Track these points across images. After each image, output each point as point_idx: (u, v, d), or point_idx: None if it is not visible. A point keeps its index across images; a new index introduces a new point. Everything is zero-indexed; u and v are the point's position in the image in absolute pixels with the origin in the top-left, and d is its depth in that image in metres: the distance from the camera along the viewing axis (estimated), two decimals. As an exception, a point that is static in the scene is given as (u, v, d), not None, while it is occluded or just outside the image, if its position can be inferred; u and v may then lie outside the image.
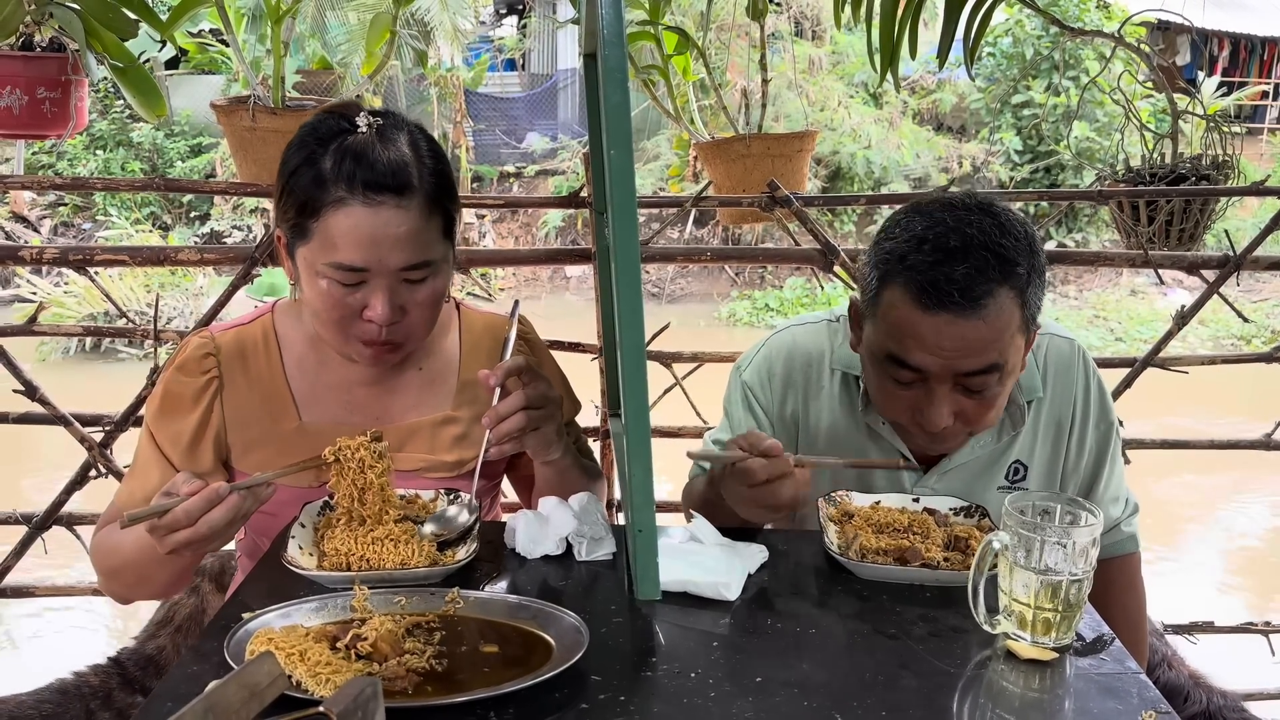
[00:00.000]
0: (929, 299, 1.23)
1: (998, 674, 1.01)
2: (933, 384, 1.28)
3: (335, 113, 1.34)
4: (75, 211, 13.17)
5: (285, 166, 1.32)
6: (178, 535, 1.11)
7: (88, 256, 2.21)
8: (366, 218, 1.26)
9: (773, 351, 1.55)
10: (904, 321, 1.26)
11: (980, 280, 1.22)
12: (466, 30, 12.09)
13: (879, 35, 2.41)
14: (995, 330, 1.24)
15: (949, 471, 1.48)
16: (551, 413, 1.33)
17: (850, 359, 1.49)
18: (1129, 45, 2.61)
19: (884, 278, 1.29)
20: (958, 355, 1.25)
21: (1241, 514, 5.93)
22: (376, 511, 1.23)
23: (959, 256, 1.23)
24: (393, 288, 1.30)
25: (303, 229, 1.30)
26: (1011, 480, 1.49)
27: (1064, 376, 1.48)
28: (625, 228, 0.92)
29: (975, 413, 1.30)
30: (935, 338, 1.24)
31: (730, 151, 2.59)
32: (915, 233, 1.27)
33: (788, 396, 1.53)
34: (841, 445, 1.50)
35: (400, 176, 1.28)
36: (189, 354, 1.42)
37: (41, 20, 2.17)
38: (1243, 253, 2.28)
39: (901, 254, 1.27)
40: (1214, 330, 9.97)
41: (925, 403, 1.29)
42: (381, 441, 1.24)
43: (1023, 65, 13.02)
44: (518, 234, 13.59)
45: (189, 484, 1.13)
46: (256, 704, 0.66)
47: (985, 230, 1.24)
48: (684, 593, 1.14)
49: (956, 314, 1.22)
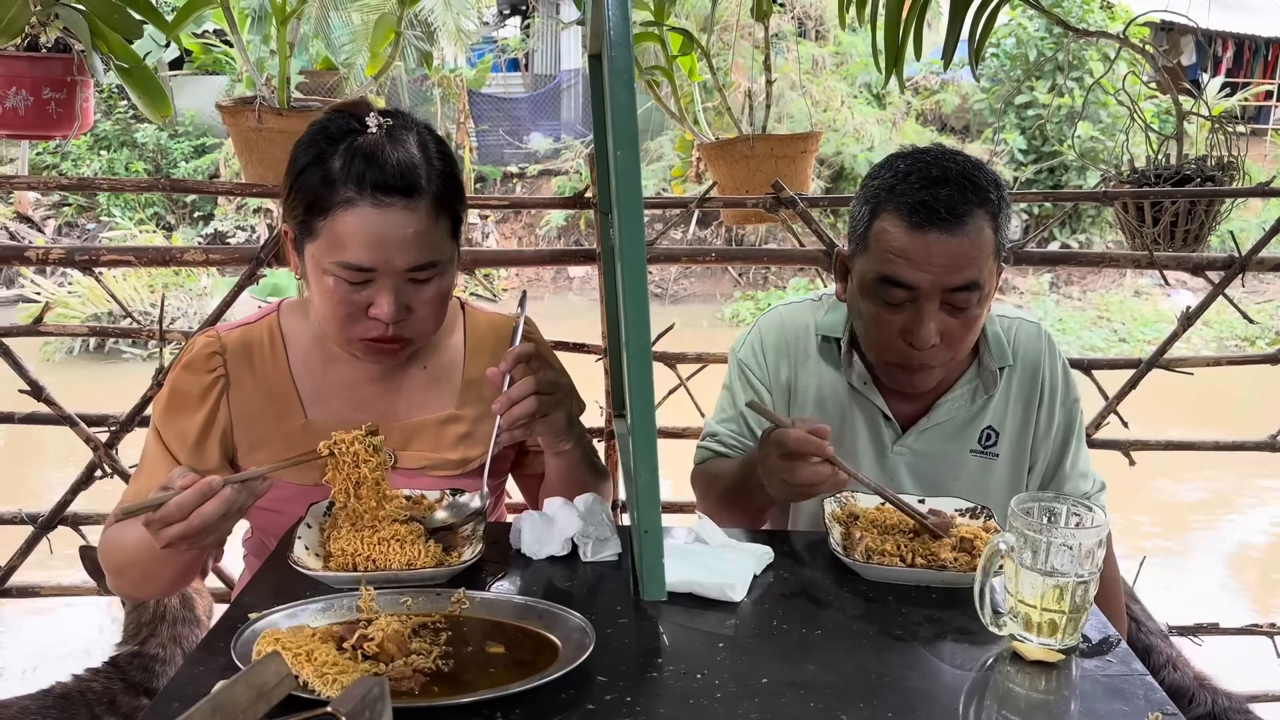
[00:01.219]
0: (919, 217, 1.38)
1: (1004, 675, 1.01)
2: (922, 302, 1.40)
3: (345, 112, 1.34)
4: (79, 212, 13.20)
5: (294, 164, 1.32)
6: (171, 529, 1.11)
7: (93, 257, 2.22)
8: (375, 219, 1.27)
9: (763, 328, 1.67)
10: (896, 243, 1.40)
11: (961, 201, 1.38)
12: (470, 31, 12.09)
13: (883, 37, 2.41)
14: (976, 247, 1.38)
15: (926, 431, 1.57)
16: (561, 399, 1.32)
17: (831, 324, 1.61)
18: (1133, 46, 2.61)
19: (875, 210, 1.44)
20: (945, 270, 1.38)
21: (1246, 515, 5.92)
22: (372, 506, 1.23)
23: (941, 183, 1.39)
24: (398, 287, 1.31)
25: (310, 227, 1.30)
26: (984, 445, 1.59)
27: (1031, 354, 1.60)
28: (631, 229, 0.92)
29: (958, 333, 1.43)
30: (925, 254, 1.38)
31: (734, 152, 2.59)
32: (900, 170, 1.43)
33: (781, 365, 1.63)
34: (827, 406, 1.60)
35: (409, 178, 1.28)
36: (196, 353, 1.42)
37: (47, 21, 2.17)
38: (1247, 254, 2.28)
39: (890, 186, 1.42)
40: (1218, 331, 9.96)
41: (915, 322, 1.41)
42: (377, 435, 1.24)
43: (1027, 66, 13.01)
44: (521, 234, 13.60)
45: (184, 478, 1.13)
46: (264, 704, 0.66)
47: (960, 164, 1.42)
48: (689, 593, 1.14)
49: (943, 230, 1.37)
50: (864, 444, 1.59)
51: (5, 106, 2.18)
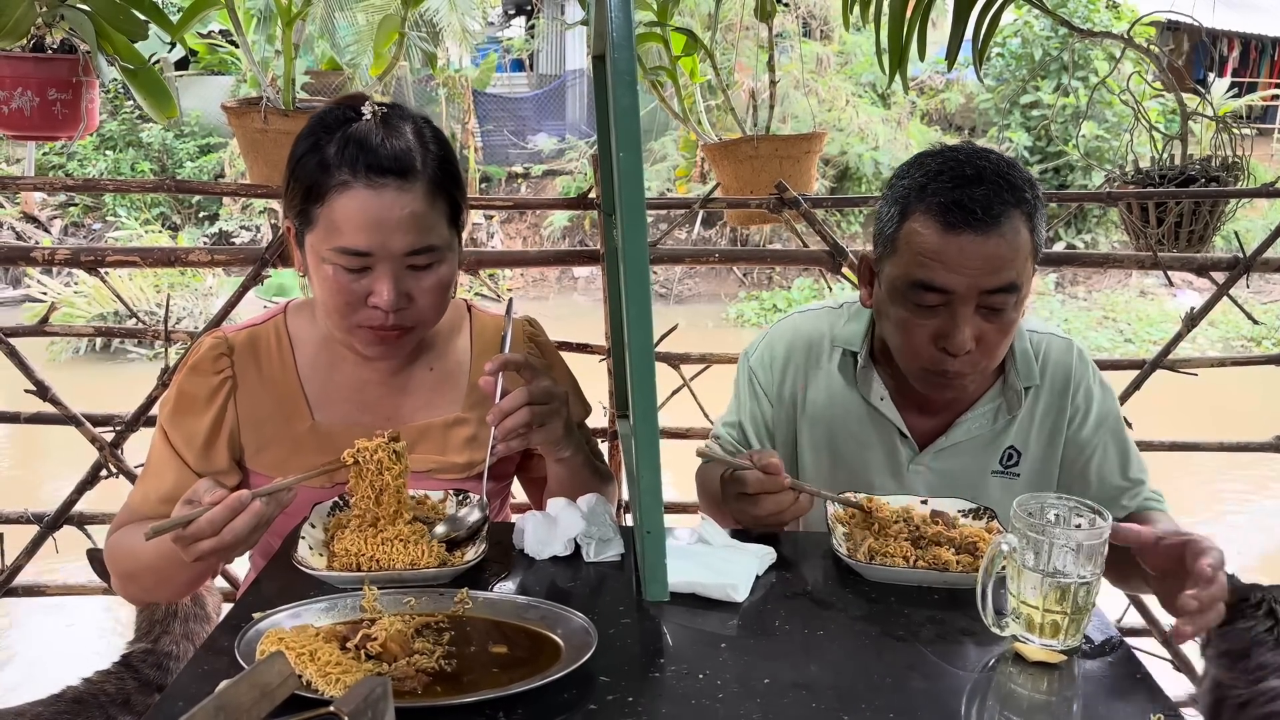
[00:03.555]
0: (953, 218, 1.31)
1: (1006, 676, 1.01)
2: (956, 305, 1.33)
3: (343, 104, 1.35)
4: (85, 212, 13.23)
5: (292, 156, 1.33)
6: (203, 544, 1.12)
7: (99, 258, 2.23)
8: (370, 200, 1.27)
9: (775, 337, 1.63)
10: (929, 245, 1.33)
11: (997, 201, 1.31)
12: (475, 31, 12.11)
13: (888, 36, 2.41)
14: (1013, 248, 1.32)
15: (944, 450, 1.51)
16: (557, 408, 1.32)
17: (850, 336, 1.55)
18: (1138, 46, 2.61)
19: (905, 211, 1.37)
20: (981, 272, 1.31)
21: (1251, 517, 5.91)
22: (391, 513, 1.23)
23: (975, 182, 1.32)
24: (397, 274, 1.30)
25: (308, 215, 1.30)
26: (1005, 465, 1.52)
27: (1061, 372, 1.52)
28: (634, 230, 0.92)
29: (994, 338, 1.36)
30: (960, 257, 1.31)
31: (738, 153, 2.58)
32: (931, 169, 1.36)
33: (786, 377, 1.59)
34: (840, 421, 1.55)
35: (404, 160, 1.29)
36: (203, 354, 1.42)
37: (53, 22, 2.18)
38: (1253, 254, 2.27)
39: (920, 185, 1.35)
40: (1223, 332, 9.94)
41: (949, 327, 1.34)
42: (399, 442, 1.25)
43: (1031, 66, 12.98)
44: (525, 234, 13.61)
45: (211, 493, 1.13)
46: (267, 703, 0.67)
47: (994, 163, 1.35)
48: (692, 594, 1.14)
49: (978, 232, 1.30)
50: (879, 462, 1.54)
51: (11, 107, 2.20)
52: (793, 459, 1.60)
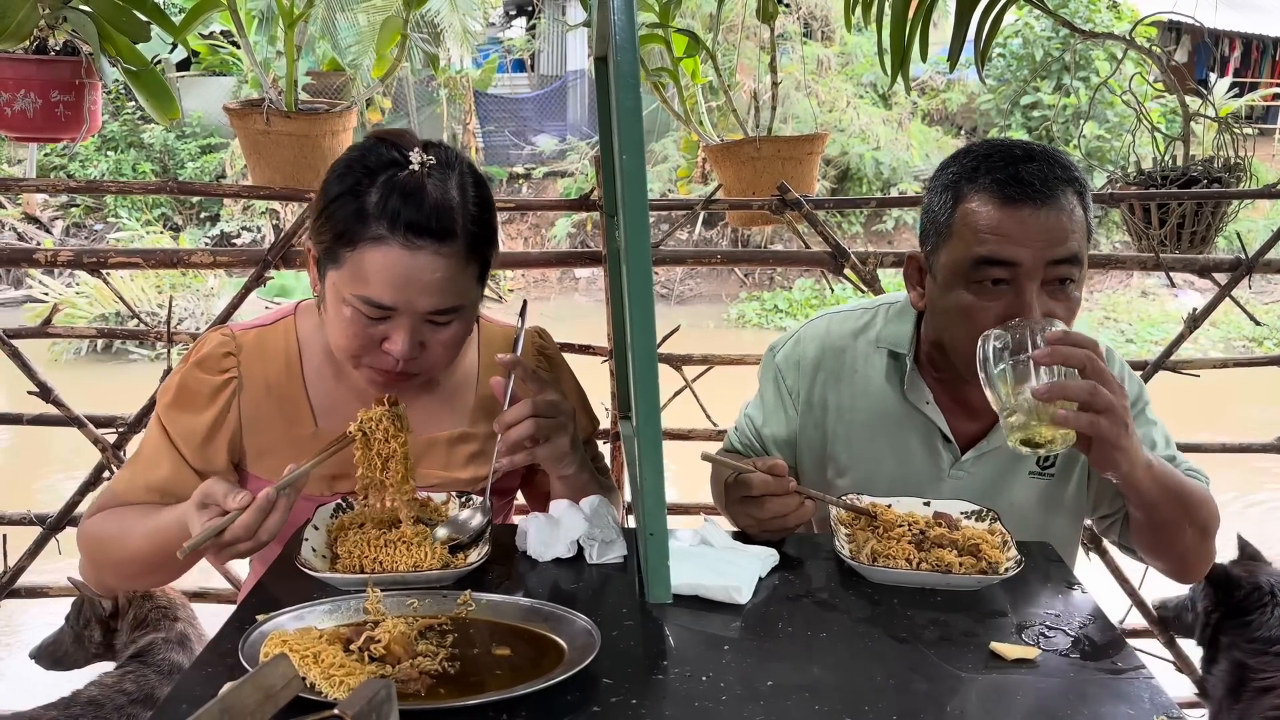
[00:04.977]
0: (1011, 191, 1.32)
1: (1009, 678, 1.01)
2: (1022, 280, 1.32)
3: (388, 142, 1.29)
4: (87, 213, 13.25)
5: (327, 190, 1.29)
6: (239, 547, 1.14)
7: (101, 259, 2.23)
8: (403, 259, 1.23)
9: (805, 337, 1.60)
10: (989, 221, 1.33)
11: (1051, 175, 1.32)
12: (476, 32, 12.11)
13: (889, 37, 2.41)
14: (1073, 220, 1.33)
15: (985, 454, 1.49)
16: (563, 423, 1.32)
17: (896, 337, 1.52)
18: (1139, 47, 2.61)
19: (958, 195, 1.37)
20: (1045, 244, 1.31)
21: (1253, 519, 5.90)
22: (399, 479, 1.24)
23: (1027, 159, 1.34)
24: (416, 327, 1.28)
25: (336, 255, 1.27)
26: (1042, 466, 1.51)
27: None
28: (637, 232, 0.92)
29: (1062, 316, 1.34)
30: (1021, 229, 1.31)
31: (740, 154, 2.59)
32: (979, 153, 1.38)
33: (817, 381, 1.56)
34: (880, 424, 1.52)
35: (444, 221, 1.24)
36: (209, 350, 1.41)
37: (55, 24, 2.18)
38: (1254, 255, 2.27)
39: (972, 169, 1.36)
40: (1225, 332, 9.93)
41: (1017, 305, 1.32)
42: (398, 406, 1.25)
43: (1033, 66, 12.98)
44: (527, 234, 13.62)
45: (234, 499, 1.14)
46: (271, 706, 0.66)
47: (1040, 146, 1.38)
48: (695, 596, 1.14)
49: (1038, 204, 1.31)
50: (918, 465, 1.51)
51: (14, 109, 2.20)
52: (821, 464, 1.58)
